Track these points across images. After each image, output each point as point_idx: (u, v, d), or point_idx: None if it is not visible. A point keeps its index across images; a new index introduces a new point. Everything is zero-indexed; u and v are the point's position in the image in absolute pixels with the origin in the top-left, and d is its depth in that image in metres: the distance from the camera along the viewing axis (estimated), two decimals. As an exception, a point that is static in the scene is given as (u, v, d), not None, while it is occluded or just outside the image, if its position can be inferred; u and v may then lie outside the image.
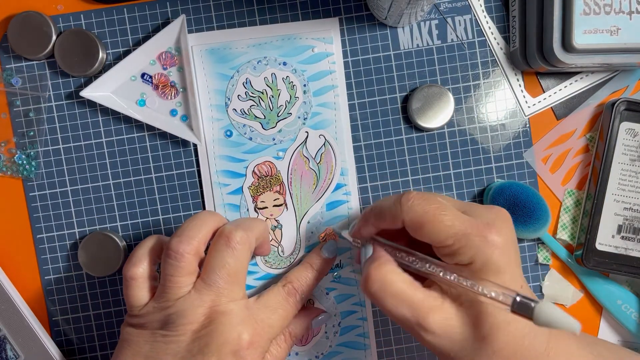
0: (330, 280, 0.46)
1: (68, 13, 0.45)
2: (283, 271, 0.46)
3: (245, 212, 0.45)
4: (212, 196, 0.45)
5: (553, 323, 0.28)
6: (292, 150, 0.45)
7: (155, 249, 0.39)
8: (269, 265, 0.46)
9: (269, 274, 0.46)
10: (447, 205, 0.34)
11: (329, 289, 0.46)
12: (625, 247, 0.44)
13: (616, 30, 0.41)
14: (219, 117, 0.45)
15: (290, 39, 0.45)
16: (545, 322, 0.29)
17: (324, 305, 0.46)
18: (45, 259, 0.46)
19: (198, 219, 0.38)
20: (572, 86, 0.46)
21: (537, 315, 0.29)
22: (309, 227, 0.46)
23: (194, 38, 0.45)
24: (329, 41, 0.45)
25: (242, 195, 0.45)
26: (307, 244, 0.46)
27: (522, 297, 0.30)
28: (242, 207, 0.45)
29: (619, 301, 0.45)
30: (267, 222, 0.45)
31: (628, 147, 0.44)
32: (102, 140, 0.45)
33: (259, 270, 0.46)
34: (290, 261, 0.46)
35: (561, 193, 0.46)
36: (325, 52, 0.45)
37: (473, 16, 0.46)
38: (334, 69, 0.45)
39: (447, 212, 0.33)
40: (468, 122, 0.46)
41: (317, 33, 0.45)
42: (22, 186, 0.45)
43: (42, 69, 0.45)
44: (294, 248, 0.46)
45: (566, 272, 0.46)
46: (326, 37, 0.45)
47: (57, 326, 0.46)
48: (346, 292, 0.46)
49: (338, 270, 0.46)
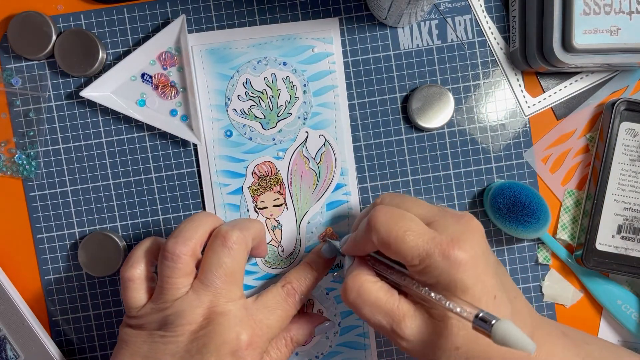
0: (331, 280, 0.46)
1: (68, 13, 0.45)
2: (283, 271, 0.46)
3: (245, 212, 0.45)
4: (212, 196, 0.45)
5: (509, 342, 0.28)
6: (292, 150, 0.45)
7: (153, 250, 0.39)
8: (268, 265, 0.46)
9: (269, 274, 0.46)
10: (411, 223, 0.34)
11: (329, 289, 0.46)
12: (625, 247, 0.44)
13: (616, 30, 0.41)
14: (219, 117, 0.45)
15: (290, 39, 0.45)
16: (501, 340, 0.28)
17: (324, 305, 0.46)
18: (45, 259, 0.46)
19: (194, 220, 0.38)
20: (572, 86, 0.46)
21: (494, 333, 0.29)
22: (309, 227, 0.46)
23: (194, 38, 0.45)
24: (329, 41, 0.45)
25: (242, 195, 0.45)
26: (307, 244, 0.46)
27: (484, 314, 0.30)
28: (242, 207, 0.45)
29: (619, 301, 0.45)
30: (267, 222, 0.45)
31: (628, 147, 0.44)
32: (102, 140, 0.45)
33: (258, 270, 0.46)
34: (290, 261, 0.46)
35: (561, 193, 0.46)
36: (325, 52, 0.45)
37: (473, 16, 0.46)
38: (334, 69, 0.45)
39: (411, 231, 0.33)
40: (468, 122, 0.46)
41: (317, 33, 0.45)
42: (22, 186, 0.45)
43: (42, 69, 0.45)
44: (294, 248, 0.46)
45: (566, 272, 0.46)
46: (326, 37, 0.45)
47: (57, 326, 0.46)
48: None
49: (338, 270, 0.46)
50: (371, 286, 0.35)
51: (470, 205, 0.46)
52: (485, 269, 0.33)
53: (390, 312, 0.34)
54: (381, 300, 0.34)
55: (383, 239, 0.34)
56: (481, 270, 0.33)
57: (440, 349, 0.33)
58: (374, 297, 0.34)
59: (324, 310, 0.46)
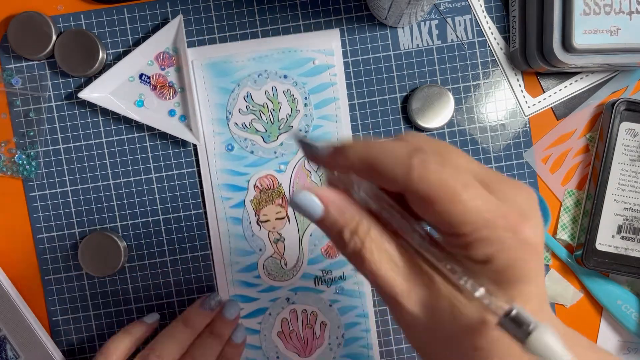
0: (334, 292, 0.46)
1: (68, 13, 0.45)
2: (286, 284, 0.46)
3: (247, 225, 0.45)
4: (214, 210, 0.45)
5: (545, 355, 0.22)
6: (294, 163, 0.45)
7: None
8: (271, 278, 0.46)
9: (273, 286, 0.46)
10: (468, 177, 0.24)
11: (332, 301, 0.46)
12: (625, 247, 0.44)
13: (616, 30, 0.41)
14: (220, 131, 0.45)
15: (290, 51, 0.45)
16: (538, 350, 0.22)
17: (327, 317, 0.46)
18: (45, 259, 0.46)
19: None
20: (572, 86, 0.46)
21: (532, 341, 0.23)
22: (312, 240, 0.46)
23: (194, 52, 0.45)
24: (330, 53, 0.45)
25: (245, 208, 0.45)
26: (310, 257, 0.46)
27: (519, 313, 0.23)
28: (244, 221, 0.45)
29: (619, 301, 0.45)
30: (270, 235, 0.45)
31: (628, 147, 0.44)
32: (102, 140, 0.45)
33: (262, 283, 0.46)
34: (293, 273, 0.46)
35: (561, 193, 0.46)
36: (326, 64, 0.45)
37: (473, 16, 0.46)
38: (335, 81, 0.45)
39: (469, 189, 0.24)
40: (468, 122, 0.46)
41: (318, 45, 0.45)
42: (23, 186, 0.45)
43: (42, 69, 0.45)
44: (296, 261, 0.46)
45: (566, 272, 0.46)
46: (327, 49, 0.45)
47: (57, 326, 0.46)
48: (350, 304, 0.46)
49: (341, 282, 0.46)
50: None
51: (470, 206, 0.46)
52: (542, 263, 0.26)
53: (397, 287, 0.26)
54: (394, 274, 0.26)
55: (429, 191, 0.24)
56: (541, 264, 0.26)
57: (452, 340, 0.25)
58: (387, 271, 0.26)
59: (327, 323, 0.46)
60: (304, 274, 0.46)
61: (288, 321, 0.46)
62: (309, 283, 0.46)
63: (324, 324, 0.46)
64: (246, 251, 0.45)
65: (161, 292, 0.46)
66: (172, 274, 0.46)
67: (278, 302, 0.46)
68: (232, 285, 0.46)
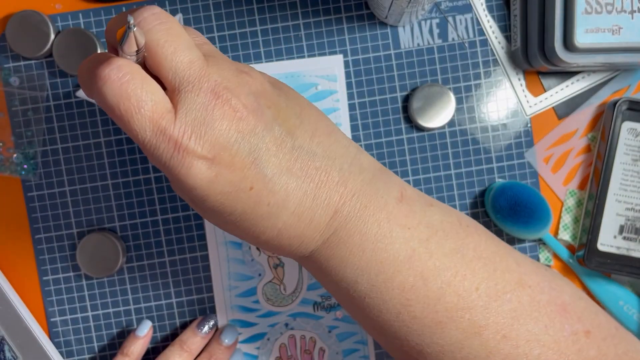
0: (333, 319, 0.46)
1: (66, 12, 0.45)
2: (285, 309, 0.45)
3: (247, 250, 0.45)
4: (214, 235, 0.45)
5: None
6: None
7: None
8: (270, 303, 0.45)
9: (272, 311, 0.46)
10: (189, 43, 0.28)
11: (331, 327, 0.46)
12: (627, 247, 0.44)
13: (618, 29, 0.41)
14: None
15: (293, 76, 0.45)
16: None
17: (325, 343, 0.45)
18: (43, 260, 0.45)
19: None
20: (573, 86, 0.46)
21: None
22: None
23: None
24: (333, 79, 0.45)
25: None
26: (309, 282, 0.45)
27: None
28: (244, 245, 0.45)
29: (621, 302, 0.45)
30: (270, 260, 0.45)
31: (630, 147, 0.44)
32: (100, 140, 0.45)
33: (261, 308, 0.45)
34: (292, 299, 0.45)
35: (563, 193, 0.46)
36: (329, 89, 0.45)
37: (474, 15, 0.45)
38: (337, 107, 0.45)
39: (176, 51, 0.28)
40: (469, 121, 0.46)
41: (321, 70, 0.45)
42: (21, 186, 0.45)
43: (41, 69, 0.45)
44: (296, 286, 0.45)
45: (568, 273, 0.46)
46: (330, 74, 0.45)
47: (55, 327, 0.46)
48: (349, 330, 0.46)
49: (340, 308, 0.45)
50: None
51: (472, 206, 0.46)
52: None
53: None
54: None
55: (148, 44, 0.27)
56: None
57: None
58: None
59: (326, 349, 0.46)
60: (303, 300, 0.45)
61: (286, 347, 0.46)
62: (308, 309, 0.46)
63: (322, 350, 0.46)
64: (245, 276, 0.45)
65: (160, 293, 0.46)
66: (171, 274, 0.46)
67: (277, 327, 0.46)
68: (230, 310, 0.45)
